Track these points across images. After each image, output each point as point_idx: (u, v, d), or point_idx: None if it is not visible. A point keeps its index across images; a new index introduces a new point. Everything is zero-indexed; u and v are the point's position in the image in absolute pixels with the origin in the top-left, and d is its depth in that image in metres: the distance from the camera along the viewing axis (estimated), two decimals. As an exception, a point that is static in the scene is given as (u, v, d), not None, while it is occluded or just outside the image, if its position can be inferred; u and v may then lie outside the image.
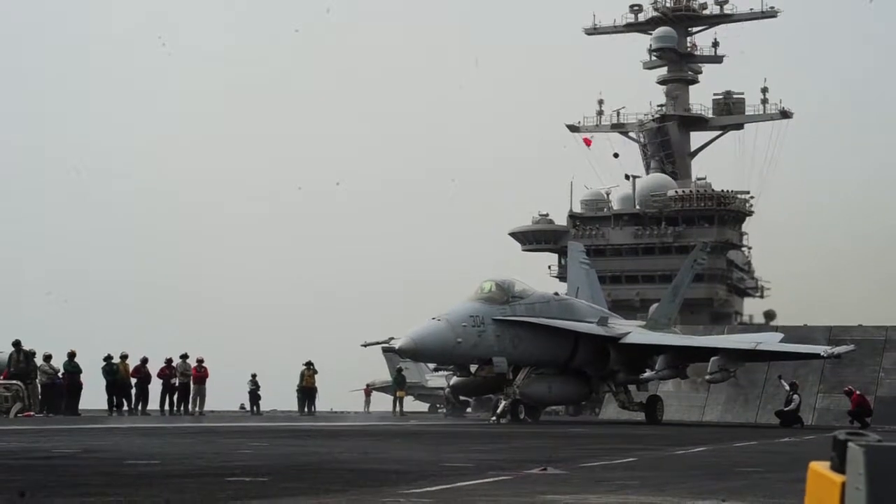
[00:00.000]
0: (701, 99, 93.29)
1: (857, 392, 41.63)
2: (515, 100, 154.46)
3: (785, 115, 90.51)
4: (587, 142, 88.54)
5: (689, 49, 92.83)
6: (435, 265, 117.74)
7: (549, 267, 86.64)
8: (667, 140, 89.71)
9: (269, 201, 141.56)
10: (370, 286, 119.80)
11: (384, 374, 69.71)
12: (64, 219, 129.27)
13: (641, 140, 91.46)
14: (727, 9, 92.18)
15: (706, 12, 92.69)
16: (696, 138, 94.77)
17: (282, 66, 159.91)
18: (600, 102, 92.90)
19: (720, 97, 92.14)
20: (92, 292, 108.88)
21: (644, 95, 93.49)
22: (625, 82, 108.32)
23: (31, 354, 37.53)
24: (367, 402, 69.50)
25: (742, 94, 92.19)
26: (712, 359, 41.18)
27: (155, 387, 42.54)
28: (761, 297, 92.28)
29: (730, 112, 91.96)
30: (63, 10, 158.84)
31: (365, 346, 58.59)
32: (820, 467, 4.09)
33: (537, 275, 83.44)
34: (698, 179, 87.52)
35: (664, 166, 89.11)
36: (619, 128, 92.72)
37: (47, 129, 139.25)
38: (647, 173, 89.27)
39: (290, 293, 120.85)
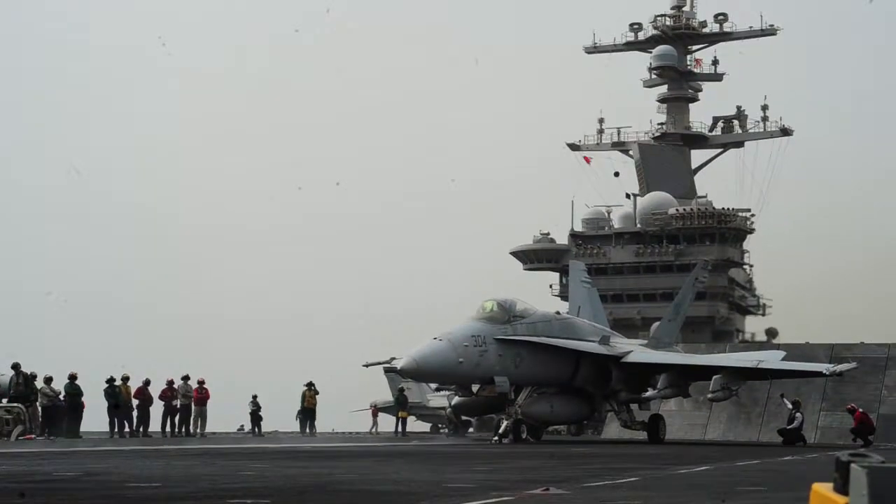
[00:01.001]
0: (701, 117, 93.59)
1: (860, 410, 41.54)
2: (516, 118, 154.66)
3: (785, 132, 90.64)
4: (587, 159, 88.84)
5: (689, 66, 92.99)
6: (436, 284, 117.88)
7: (551, 286, 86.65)
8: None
9: (267, 220, 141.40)
10: (371, 306, 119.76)
11: (386, 395, 69.59)
12: (60, 236, 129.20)
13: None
14: (727, 27, 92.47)
15: (706, 30, 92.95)
16: (697, 156, 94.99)
17: (282, 66, 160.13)
18: (601, 121, 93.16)
19: (731, 116, 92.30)
20: (92, 314, 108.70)
21: (644, 114, 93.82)
22: (625, 101, 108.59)
23: (32, 377, 37.48)
24: (375, 423, 69.13)
25: (741, 107, 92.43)
26: (714, 377, 41.15)
27: (156, 409, 42.52)
28: (763, 314, 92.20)
29: (742, 128, 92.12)
30: (63, 9, 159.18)
31: (366, 366, 58.61)
32: (823, 489, 4.07)
33: (539, 294, 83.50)
34: (699, 197, 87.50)
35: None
36: (620, 146, 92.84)
37: (47, 129, 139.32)
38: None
39: (291, 314, 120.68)
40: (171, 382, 43.30)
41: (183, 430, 43.19)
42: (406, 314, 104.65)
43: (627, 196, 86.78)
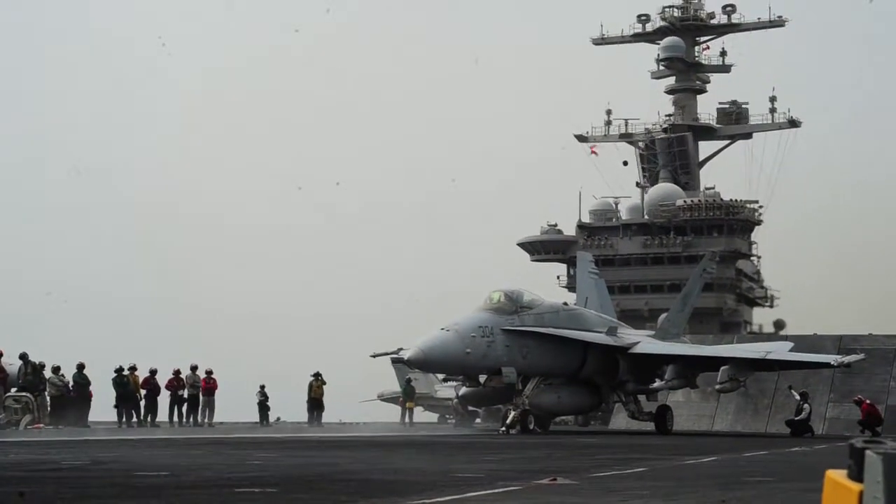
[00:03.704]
0: (709, 108, 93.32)
1: (868, 401, 41.51)
2: (523, 110, 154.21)
3: (793, 123, 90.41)
4: (593, 151, 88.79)
5: (697, 57, 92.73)
6: (443, 275, 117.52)
7: (558, 277, 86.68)
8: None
9: (273, 210, 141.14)
10: (378, 297, 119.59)
11: (393, 385, 69.55)
12: (65, 227, 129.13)
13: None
14: (735, 18, 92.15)
15: (714, 22, 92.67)
16: (705, 148, 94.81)
17: (282, 66, 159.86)
18: (608, 112, 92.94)
19: (725, 106, 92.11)
20: (99, 303, 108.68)
21: (652, 105, 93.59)
22: (633, 92, 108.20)
23: (40, 367, 37.52)
24: (404, 413, 68.34)
25: (747, 103, 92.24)
26: (722, 368, 41.11)
27: (164, 398, 42.53)
28: (770, 306, 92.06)
29: (738, 121, 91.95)
30: (63, 9, 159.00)
31: (374, 356, 58.70)
32: (837, 476, 4.04)
33: (546, 285, 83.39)
34: (707, 189, 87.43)
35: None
36: (627, 138, 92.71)
37: (47, 129, 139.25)
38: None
39: (299, 305, 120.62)
40: (177, 372, 43.33)
41: (191, 419, 43.24)
42: (413, 305, 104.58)
43: (638, 185, 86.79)
